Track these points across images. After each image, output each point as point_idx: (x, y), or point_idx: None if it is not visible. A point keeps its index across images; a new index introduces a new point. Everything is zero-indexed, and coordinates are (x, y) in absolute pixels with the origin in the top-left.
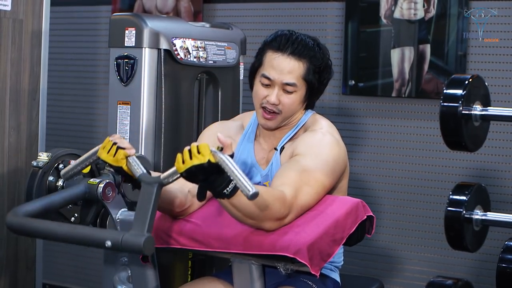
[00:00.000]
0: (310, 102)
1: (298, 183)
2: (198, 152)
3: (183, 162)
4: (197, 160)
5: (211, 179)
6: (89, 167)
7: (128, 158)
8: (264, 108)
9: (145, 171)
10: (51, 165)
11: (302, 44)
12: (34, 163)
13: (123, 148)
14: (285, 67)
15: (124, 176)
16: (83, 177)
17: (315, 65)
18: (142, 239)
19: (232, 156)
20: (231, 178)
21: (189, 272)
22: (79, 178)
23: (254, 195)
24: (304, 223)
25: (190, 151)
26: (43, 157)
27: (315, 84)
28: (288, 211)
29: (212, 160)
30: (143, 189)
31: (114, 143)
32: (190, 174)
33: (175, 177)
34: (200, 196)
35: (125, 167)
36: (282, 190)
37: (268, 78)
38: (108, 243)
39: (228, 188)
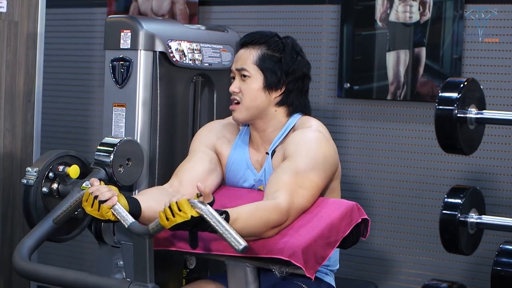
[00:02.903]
0: (284, 98)
1: (292, 187)
2: (179, 210)
3: (167, 219)
4: (180, 218)
5: (199, 226)
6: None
7: (113, 208)
8: (232, 100)
9: (132, 220)
10: (41, 178)
11: (258, 34)
12: (24, 181)
13: (105, 201)
14: (240, 56)
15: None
16: (76, 178)
17: (272, 50)
18: None
19: (212, 203)
20: (218, 232)
21: (185, 273)
22: (73, 182)
23: (244, 249)
24: (299, 226)
25: (170, 208)
26: (32, 172)
27: (274, 72)
28: (286, 217)
29: (195, 214)
30: (135, 240)
31: (95, 197)
32: (177, 229)
33: (162, 229)
34: (193, 244)
35: (112, 218)
36: (276, 198)
37: (231, 71)
38: None
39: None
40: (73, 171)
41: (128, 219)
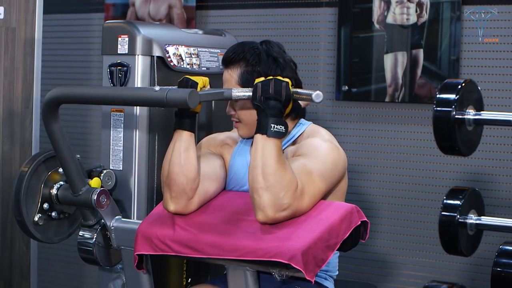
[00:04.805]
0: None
1: (302, 181)
2: (282, 77)
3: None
4: (280, 77)
5: (274, 104)
6: None
7: (205, 87)
8: (232, 120)
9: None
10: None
11: (236, 52)
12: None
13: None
14: (225, 80)
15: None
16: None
17: (251, 65)
18: (188, 92)
19: None
20: (298, 97)
21: (184, 281)
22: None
23: (318, 95)
24: (298, 229)
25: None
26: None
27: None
28: (290, 203)
29: (290, 87)
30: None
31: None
32: (264, 86)
33: (245, 93)
34: (258, 101)
35: (200, 86)
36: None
37: None
38: (156, 88)
39: (277, 127)
40: (95, 182)
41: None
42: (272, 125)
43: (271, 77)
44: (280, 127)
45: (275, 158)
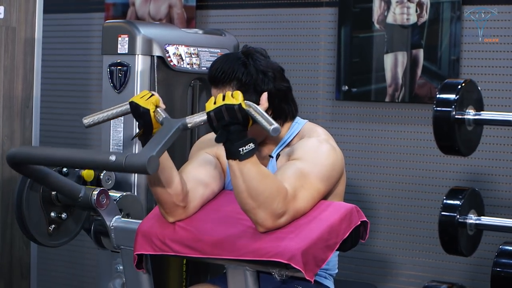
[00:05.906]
0: (272, 115)
1: (296, 184)
2: (232, 96)
3: (215, 103)
4: (229, 101)
5: (234, 128)
6: None
7: (158, 108)
8: None
9: (169, 117)
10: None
11: (223, 72)
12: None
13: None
14: None
15: (143, 127)
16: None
17: (244, 84)
18: (147, 158)
19: None
20: (256, 119)
21: (184, 281)
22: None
23: (276, 130)
24: (298, 229)
25: (224, 96)
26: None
27: (253, 97)
28: (285, 209)
29: (243, 106)
30: (165, 124)
31: (152, 94)
32: (217, 114)
33: (200, 119)
34: (219, 138)
35: (151, 111)
36: (285, 187)
37: None
38: (112, 159)
39: (245, 148)
40: (87, 174)
41: (163, 115)
42: (241, 149)
43: (221, 101)
44: (249, 146)
45: (257, 178)
